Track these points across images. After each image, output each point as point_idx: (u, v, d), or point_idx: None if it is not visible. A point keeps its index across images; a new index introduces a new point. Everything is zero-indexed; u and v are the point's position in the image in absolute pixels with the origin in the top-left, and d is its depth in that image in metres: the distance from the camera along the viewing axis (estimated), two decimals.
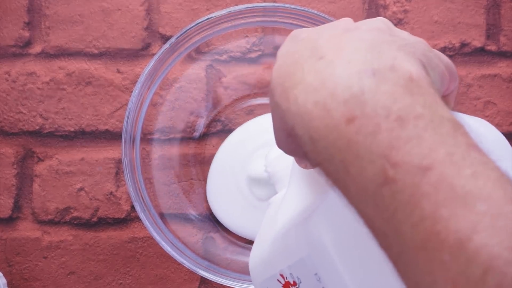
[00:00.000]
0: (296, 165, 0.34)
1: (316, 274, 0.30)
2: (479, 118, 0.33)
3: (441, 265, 0.19)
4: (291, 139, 0.26)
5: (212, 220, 0.55)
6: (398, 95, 0.22)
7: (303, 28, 0.29)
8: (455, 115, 0.23)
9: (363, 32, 0.26)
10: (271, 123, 0.28)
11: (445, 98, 0.30)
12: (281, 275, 0.33)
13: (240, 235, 0.54)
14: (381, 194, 0.21)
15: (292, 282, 0.32)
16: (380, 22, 0.27)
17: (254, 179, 0.54)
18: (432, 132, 0.21)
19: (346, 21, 0.29)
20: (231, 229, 0.54)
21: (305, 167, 0.32)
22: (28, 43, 0.56)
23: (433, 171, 0.20)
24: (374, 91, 0.22)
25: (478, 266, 0.18)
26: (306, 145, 0.24)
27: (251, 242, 0.54)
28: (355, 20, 0.29)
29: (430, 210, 0.20)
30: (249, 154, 0.54)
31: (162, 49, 0.48)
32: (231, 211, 0.54)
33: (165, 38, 0.56)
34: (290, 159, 0.36)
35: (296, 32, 0.29)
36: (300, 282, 0.32)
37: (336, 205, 0.28)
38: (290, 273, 0.32)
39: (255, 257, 0.37)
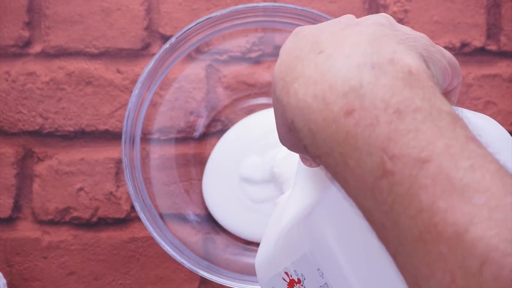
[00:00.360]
0: (301, 164, 0.34)
1: (318, 269, 0.30)
2: (482, 114, 0.33)
3: (439, 257, 0.19)
4: (291, 133, 0.26)
5: (212, 221, 0.55)
6: (397, 88, 0.22)
7: (306, 25, 0.30)
8: (457, 110, 0.23)
9: (364, 26, 0.26)
10: (267, 119, 0.28)
11: (448, 94, 0.30)
12: (286, 273, 0.33)
13: (238, 235, 0.54)
14: (379, 187, 0.21)
15: (296, 280, 0.33)
16: (381, 18, 0.28)
17: (246, 180, 0.54)
18: (431, 125, 0.21)
19: (348, 17, 0.29)
20: (228, 230, 0.54)
21: (310, 166, 0.32)
22: (28, 43, 0.56)
23: (431, 164, 0.20)
24: (373, 84, 0.23)
25: (476, 258, 0.18)
26: (305, 138, 0.24)
27: (250, 243, 0.54)
28: None
29: (428, 202, 0.20)
30: (243, 153, 0.54)
31: (162, 49, 0.48)
32: (228, 211, 0.54)
33: (165, 38, 0.56)
34: (297, 159, 0.36)
35: (299, 29, 0.29)
36: (304, 279, 0.32)
37: (337, 199, 0.28)
38: (294, 270, 0.32)
39: (260, 257, 0.38)
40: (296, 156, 0.36)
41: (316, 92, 0.24)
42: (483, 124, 0.31)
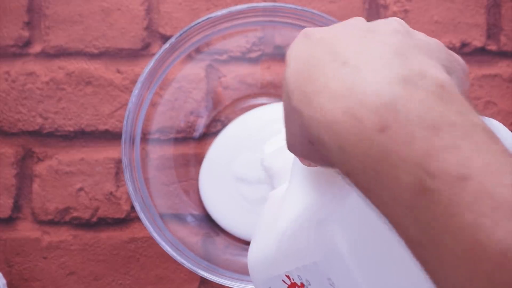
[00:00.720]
0: (298, 162, 0.34)
1: (329, 278, 0.30)
2: (489, 118, 0.33)
3: (484, 276, 0.19)
4: (312, 146, 0.26)
5: (211, 221, 0.55)
6: (430, 102, 0.22)
7: (314, 28, 0.29)
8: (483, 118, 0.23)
9: (384, 35, 0.25)
10: (262, 115, 0.27)
11: None
12: (287, 276, 0.33)
13: (237, 236, 0.54)
14: (418, 204, 0.21)
15: (299, 284, 0.32)
16: (396, 24, 0.27)
17: (241, 180, 0.54)
18: (468, 141, 0.21)
19: (360, 22, 0.28)
20: (227, 230, 0.54)
21: (309, 165, 0.32)
22: (28, 43, 0.56)
23: (471, 181, 0.20)
24: (405, 99, 0.22)
25: None
26: (334, 154, 0.24)
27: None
28: None
29: (471, 220, 0.19)
30: (238, 151, 0.54)
31: (162, 49, 0.48)
32: (226, 212, 0.54)
33: (165, 38, 0.56)
34: (288, 154, 0.36)
35: (308, 31, 0.28)
36: (309, 285, 0.31)
37: (356, 211, 0.28)
38: (298, 275, 0.32)
39: (255, 255, 0.37)
40: (287, 151, 0.35)
41: (345, 107, 0.23)
42: (502, 131, 0.31)
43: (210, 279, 0.47)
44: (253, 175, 0.54)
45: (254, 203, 0.54)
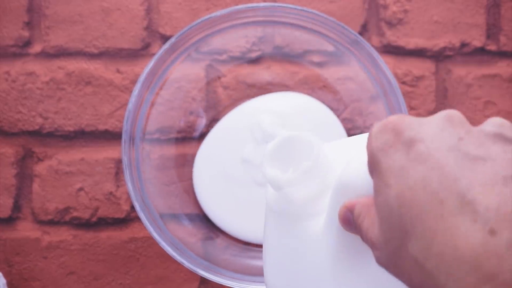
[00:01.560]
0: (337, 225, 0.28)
1: None
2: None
3: None
4: None
5: (211, 221, 0.55)
6: None
7: (403, 123, 0.22)
8: None
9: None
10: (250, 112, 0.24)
11: None
12: None
13: (233, 235, 0.54)
14: None
15: None
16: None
17: (233, 179, 0.54)
18: None
19: (461, 127, 0.22)
20: (224, 230, 0.54)
21: (350, 231, 0.27)
22: (28, 43, 0.56)
23: None
24: None
25: None
26: None
27: (251, 243, 0.54)
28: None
29: None
30: (229, 150, 0.54)
31: (162, 49, 0.48)
32: (221, 212, 0.54)
33: (165, 38, 0.56)
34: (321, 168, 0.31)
35: (398, 127, 0.22)
36: None
37: None
38: None
39: None
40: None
41: None
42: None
43: (210, 279, 0.47)
44: (244, 174, 0.54)
45: (248, 203, 0.53)
